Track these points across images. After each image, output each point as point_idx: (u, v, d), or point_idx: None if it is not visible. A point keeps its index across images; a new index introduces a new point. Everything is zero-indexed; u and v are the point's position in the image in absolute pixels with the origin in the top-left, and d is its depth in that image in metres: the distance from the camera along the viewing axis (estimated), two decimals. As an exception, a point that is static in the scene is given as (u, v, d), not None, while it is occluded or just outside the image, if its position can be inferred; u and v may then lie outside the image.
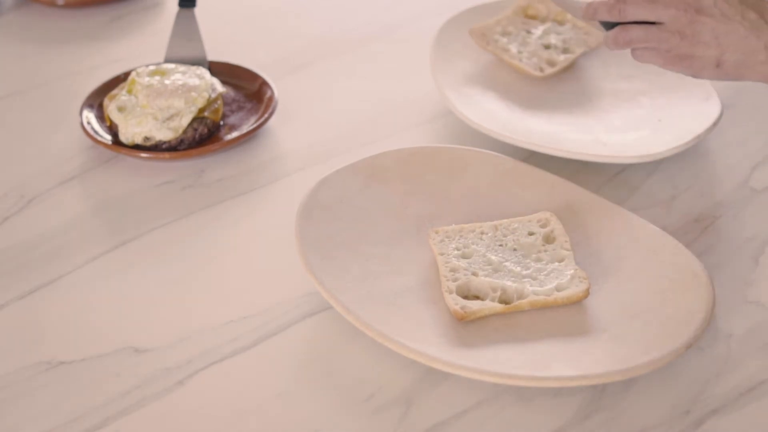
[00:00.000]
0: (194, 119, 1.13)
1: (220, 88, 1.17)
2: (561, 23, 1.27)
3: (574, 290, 0.92)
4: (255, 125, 1.15)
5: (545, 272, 0.94)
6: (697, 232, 1.03)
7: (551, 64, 1.22)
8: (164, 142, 1.12)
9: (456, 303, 0.91)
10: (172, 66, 1.17)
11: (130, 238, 1.04)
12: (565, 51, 1.23)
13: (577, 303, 0.92)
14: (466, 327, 0.91)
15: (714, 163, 1.12)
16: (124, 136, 1.13)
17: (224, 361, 0.91)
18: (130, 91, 1.15)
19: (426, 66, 1.21)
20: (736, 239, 1.02)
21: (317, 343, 0.93)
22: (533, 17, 1.28)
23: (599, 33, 1.24)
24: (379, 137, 1.17)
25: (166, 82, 1.14)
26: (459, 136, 1.15)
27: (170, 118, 1.12)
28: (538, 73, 1.20)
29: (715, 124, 1.10)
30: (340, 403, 0.88)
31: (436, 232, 0.98)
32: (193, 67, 1.17)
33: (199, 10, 1.25)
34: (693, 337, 0.87)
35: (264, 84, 1.21)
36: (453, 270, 0.94)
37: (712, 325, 0.93)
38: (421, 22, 1.36)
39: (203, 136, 1.14)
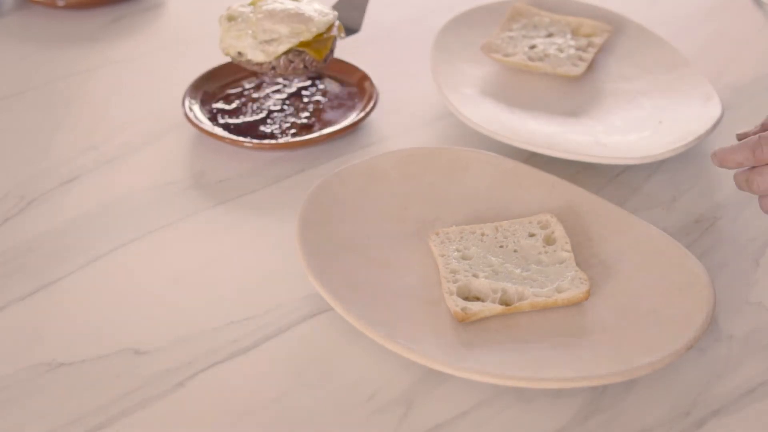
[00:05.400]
0: (292, 50, 1.10)
1: (338, 33, 1.14)
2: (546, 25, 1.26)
3: (575, 292, 0.92)
4: (356, 119, 1.14)
5: (546, 274, 0.94)
6: (698, 233, 1.03)
7: (580, 59, 1.21)
8: (255, 63, 1.11)
9: (456, 304, 0.91)
10: None
11: (130, 239, 1.04)
12: (580, 47, 1.23)
13: (577, 304, 0.92)
14: (467, 328, 0.91)
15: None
16: (221, 44, 1.12)
17: (225, 363, 0.91)
18: (253, 3, 1.13)
19: (426, 67, 1.21)
20: (737, 240, 1.02)
21: (318, 345, 0.93)
22: (519, 19, 1.27)
23: (592, 23, 1.24)
24: (379, 138, 1.17)
25: (289, 7, 1.11)
26: (459, 137, 1.15)
27: (268, 41, 1.10)
28: (575, 72, 1.19)
29: (716, 125, 1.10)
30: (341, 403, 0.88)
31: (437, 234, 0.98)
32: (328, 9, 1.14)
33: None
34: (694, 339, 0.87)
35: (365, 78, 1.20)
36: (453, 271, 0.94)
37: (713, 326, 0.92)
38: (421, 22, 1.36)
39: (297, 71, 1.11)
